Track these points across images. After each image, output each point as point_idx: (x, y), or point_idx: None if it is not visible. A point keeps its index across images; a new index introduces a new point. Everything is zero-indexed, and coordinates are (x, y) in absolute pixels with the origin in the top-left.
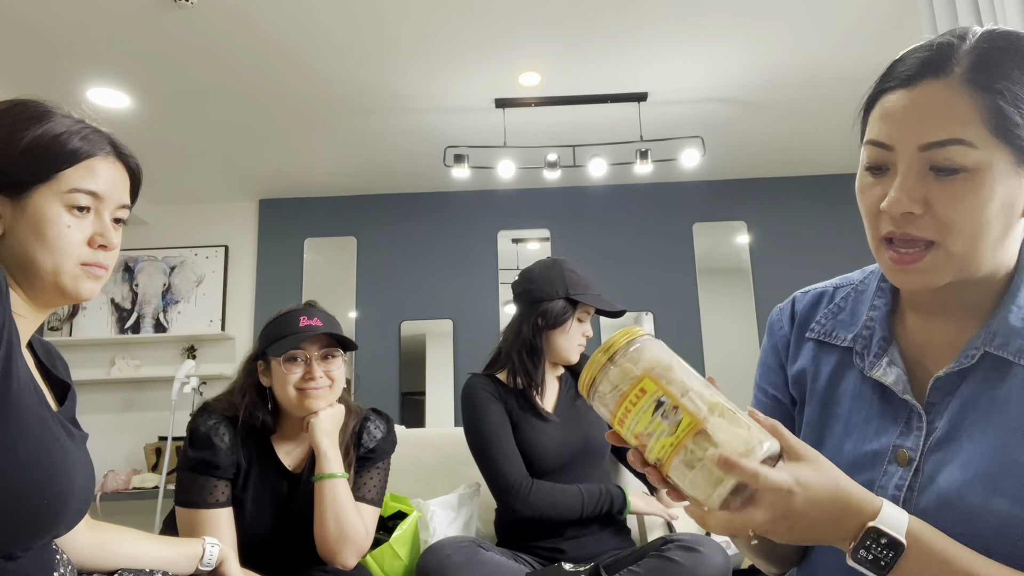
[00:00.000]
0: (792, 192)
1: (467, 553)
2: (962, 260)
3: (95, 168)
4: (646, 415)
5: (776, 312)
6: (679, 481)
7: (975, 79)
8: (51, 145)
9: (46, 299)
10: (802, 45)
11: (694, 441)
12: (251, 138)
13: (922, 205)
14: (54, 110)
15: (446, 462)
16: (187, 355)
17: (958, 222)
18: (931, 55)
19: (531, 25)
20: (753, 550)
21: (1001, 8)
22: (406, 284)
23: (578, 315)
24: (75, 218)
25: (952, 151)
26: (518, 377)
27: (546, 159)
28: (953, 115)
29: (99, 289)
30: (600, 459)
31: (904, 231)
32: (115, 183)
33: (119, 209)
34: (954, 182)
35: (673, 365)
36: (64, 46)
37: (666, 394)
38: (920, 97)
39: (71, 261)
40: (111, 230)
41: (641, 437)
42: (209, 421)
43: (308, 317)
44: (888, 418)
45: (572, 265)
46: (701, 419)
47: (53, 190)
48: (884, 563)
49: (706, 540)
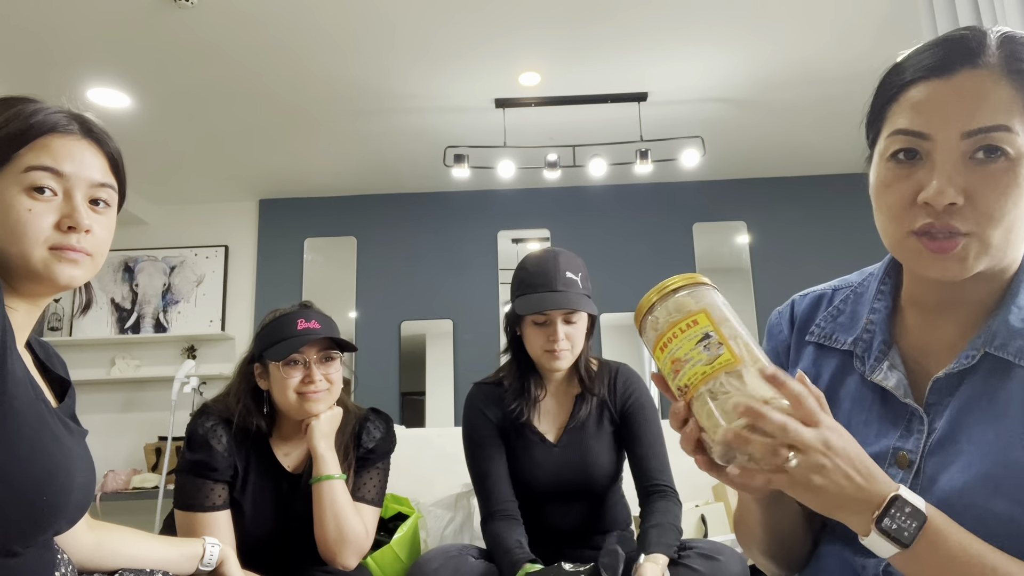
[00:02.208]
0: (792, 192)
1: (455, 564)
2: (996, 250)
3: (51, 146)
4: (690, 343)
5: (775, 315)
6: (698, 410)
7: (1012, 68)
8: (5, 126)
9: (29, 289)
10: (802, 45)
11: (726, 376)
12: (251, 138)
13: (964, 195)
14: (26, 99)
15: (445, 462)
16: (187, 355)
17: (997, 212)
18: (962, 47)
19: (531, 25)
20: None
21: (1001, 8)
22: (406, 284)
23: (531, 318)
24: (36, 201)
25: (997, 137)
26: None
27: (546, 159)
28: (998, 102)
29: (83, 274)
30: (601, 491)
31: (945, 223)
32: (82, 161)
33: (94, 188)
34: (996, 171)
35: (728, 316)
36: (64, 46)
37: (716, 331)
38: (962, 85)
39: (37, 246)
40: (82, 211)
41: (677, 363)
42: (207, 423)
43: (306, 320)
44: (888, 421)
45: (534, 259)
46: (741, 360)
47: (11, 174)
48: (908, 533)
49: (724, 548)
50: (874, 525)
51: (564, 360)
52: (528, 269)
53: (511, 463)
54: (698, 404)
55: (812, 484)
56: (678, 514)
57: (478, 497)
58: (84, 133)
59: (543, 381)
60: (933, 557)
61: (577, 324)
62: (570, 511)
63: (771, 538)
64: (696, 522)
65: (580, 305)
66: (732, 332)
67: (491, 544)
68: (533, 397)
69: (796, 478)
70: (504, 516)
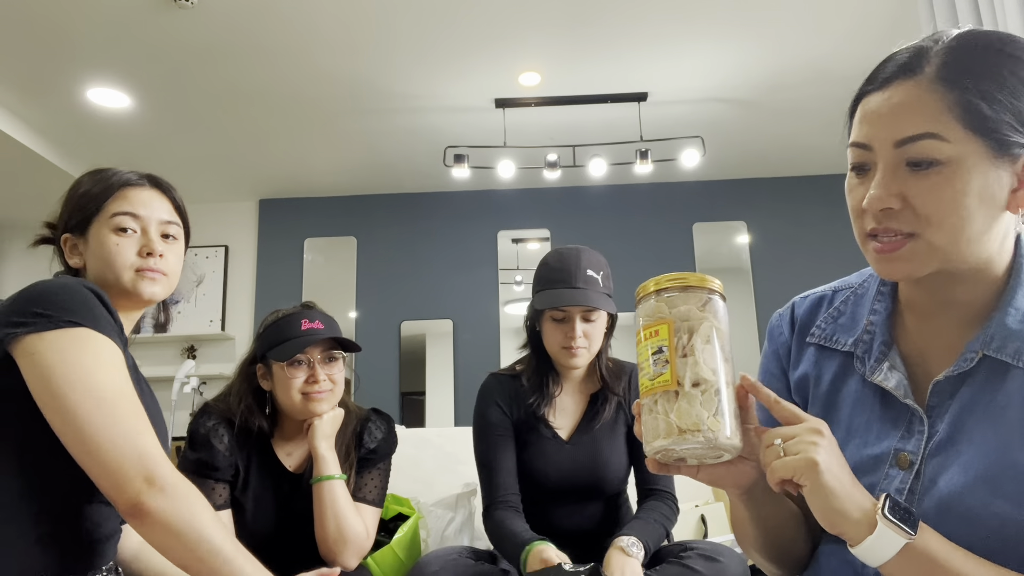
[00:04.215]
0: (792, 192)
1: (454, 567)
2: (945, 251)
3: (129, 196)
4: (647, 352)
5: (776, 318)
6: (642, 417)
7: (944, 76)
8: (95, 185)
9: (122, 304)
10: (802, 45)
11: (663, 395)
12: (251, 138)
13: (900, 200)
14: (108, 169)
15: (446, 462)
16: (187, 355)
17: (936, 214)
18: (906, 58)
19: (531, 25)
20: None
21: (1001, 8)
22: (406, 284)
23: (550, 314)
24: (122, 238)
25: (924, 145)
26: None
27: (546, 159)
28: (923, 111)
29: (161, 290)
30: (610, 491)
31: (885, 226)
32: (152, 205)
33: (163, 225)
34: (928, 176)
35: (699, 328)
36: (64, 46)
37: (668, 346)
38: (893, 96)
39: (126, 270)
40: (155, 240)
41: (639, 366)
42: (209, 423)
43: (309, 320)
44: (889, 422)
45: (556, 255)
46: (677, 383)
47: (102, 220)
48: (913, 519)
49: (725, 549)
50: (881, 512)
51: (581, 358)
52: (550, 264)
53: (521, 457)
54: (643, 412)
55: (827, 472)
56: (668, 514)
57: (482, 487)
58: (152, 185)
59: (560, 378)
60: (924, 560)
61: (596, 322)
62: (577, 512)
63: (765, 537)
64: (696, 522)
65: (599, 303)
66: (686, 349)
67: (494, 530)
68: (550, 393)
69: (810, 463)
70: (507, 506)
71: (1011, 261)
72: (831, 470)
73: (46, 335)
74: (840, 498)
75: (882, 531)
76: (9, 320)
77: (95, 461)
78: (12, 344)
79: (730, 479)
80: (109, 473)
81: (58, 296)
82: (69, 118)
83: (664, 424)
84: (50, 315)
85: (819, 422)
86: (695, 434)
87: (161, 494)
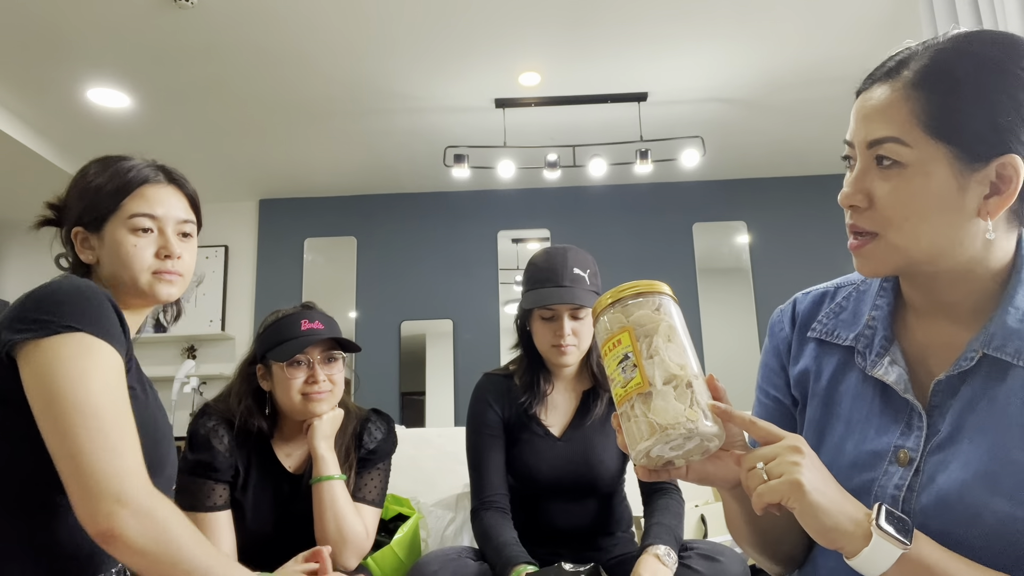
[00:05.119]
0: (792, 192)
1: (453, 567)
2: (906, 251)
3: (147, 194)
4: (614, 362)
5: (777, 314)
6: (622, 427)
7: (917, 82)
8: (110, 181)
9: (134, 303)
10: (802, 45)
11: (638, 398)
12: (251, 138)
13: (867, 198)
14: (121, 157)
15: (446, 462)
16: (187, 355)
17: (895, 216)
18: (894, 61)
19: (531, 25)
20: (747, 542)
21: (1001, 8)
22: (406, 284)
23: (539, 313)
24: (139, 238)
25: (888, 148)
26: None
27: (546, 159)
28: (892, 114)
29: (177, 291)
30: (604, 489)
31: (853, 222)
32: (169, 204)
33: (180, 224)
34: (891, 178)
35: (659, 329)
36: (64, 46)
37: (633, 351)
38: (872, 98)
39: (143, 272)
40: (173, 243)
41: (609, 379)
42: (209, 423)
43: (309, 320)
44: (889, 417)
45: (544, 255)
46: (649, 384)
47: (119, 219)
48: (908, 528)
49: (725, 549)
50: (875, 523)
51: (571, 355)
52: (537, 264)
53: (514, 455)
54: (622, 421)
55: (813, 485)
56: (680, 512)
57: (471, 486)
58: (169, 180)
59: (551, 376)
60: (920, 569)
61: (584, 320)
62: (571, 510)
63: (757, 533)
64: (696, 522)
65: (585, 301)
66: (651, 351)
67: (481, 537)
68: (541, 391)
69: (796, 480)
70: (495, 508)
71: (1012, 260)
72: (817, 488)
73: (42, 342)
74: (831, 514)
75: (877, 543)
76: (12, 325)
77: (71, 478)
78: (15, 350)
79: (719, 475)
80: (82, 491)
81: (62, 300)
82: (69, 118)
83: (645, 425)
84: (50, 320)
85: (797, 438)
86: (676, 427)
87: (133, 517)
